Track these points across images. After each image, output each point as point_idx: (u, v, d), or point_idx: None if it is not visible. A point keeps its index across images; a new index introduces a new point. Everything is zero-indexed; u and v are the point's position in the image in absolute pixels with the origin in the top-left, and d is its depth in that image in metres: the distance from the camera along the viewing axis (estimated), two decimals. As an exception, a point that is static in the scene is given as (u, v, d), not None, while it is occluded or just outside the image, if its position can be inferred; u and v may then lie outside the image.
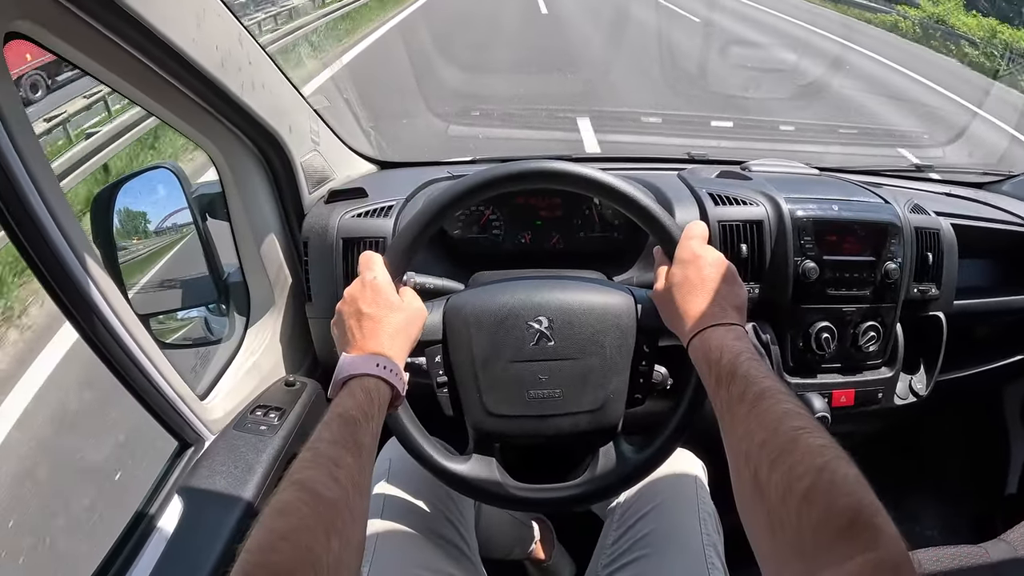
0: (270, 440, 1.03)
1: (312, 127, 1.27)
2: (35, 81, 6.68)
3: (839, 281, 1.20)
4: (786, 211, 1.20)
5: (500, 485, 0.93)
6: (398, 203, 1.24)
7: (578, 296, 0.93)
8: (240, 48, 1.00)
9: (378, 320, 0.81)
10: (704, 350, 0.77)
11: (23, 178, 0.71)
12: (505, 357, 0.91)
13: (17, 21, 0.70)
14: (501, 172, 0.89)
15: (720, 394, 0.71)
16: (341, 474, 0.63)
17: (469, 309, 0.92)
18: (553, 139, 4.65)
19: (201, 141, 1.08)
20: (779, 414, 0.63)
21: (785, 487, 0.56)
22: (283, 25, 9.62)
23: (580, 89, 6.78)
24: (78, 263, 0.79)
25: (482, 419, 0.93)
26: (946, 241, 1.31)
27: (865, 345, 1.24)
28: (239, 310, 1.26)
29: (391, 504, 1.05)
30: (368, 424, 0.72)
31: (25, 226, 0.74)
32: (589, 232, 1.31)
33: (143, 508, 0.94)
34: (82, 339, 0.85)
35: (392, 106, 5.59)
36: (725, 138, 3.81)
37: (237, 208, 1.17)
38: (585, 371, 0.91)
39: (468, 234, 1.31)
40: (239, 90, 0.99)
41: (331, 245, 1.19)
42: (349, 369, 0.76)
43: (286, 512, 0.58)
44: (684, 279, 0.83)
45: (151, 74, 0.88)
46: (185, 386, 0.98)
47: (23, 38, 0.72)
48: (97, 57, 0.81)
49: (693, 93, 6.57)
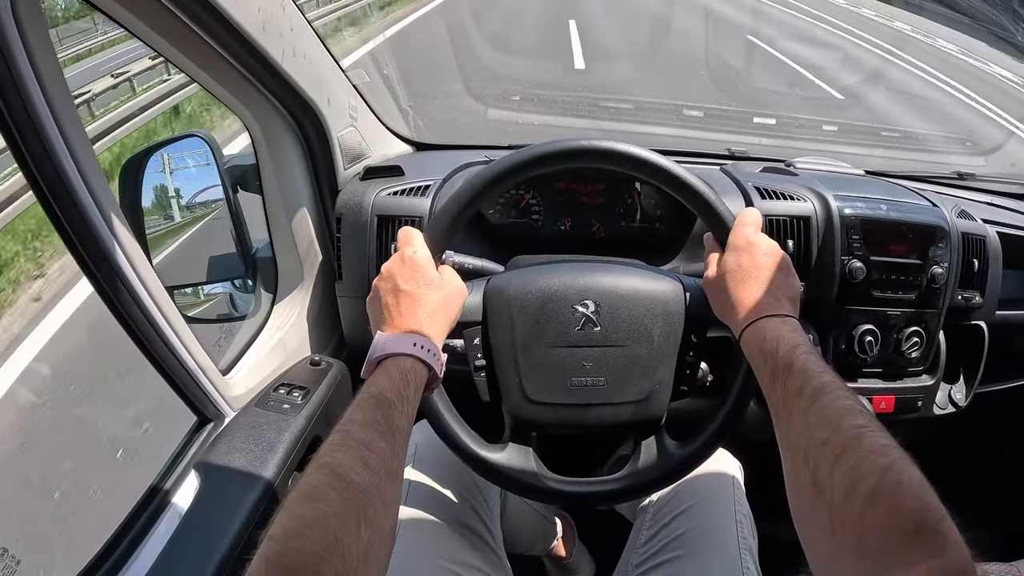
0: (293, 419, 1.00)
1: (351, 102, 1.24)
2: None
3: (885, 283, 1.17)
4: (835, 208, 1.16)
5: (537, 476, 0.90)
6: (435, 183, 1.21)
7: (626, 281, 0.89)
8: (283, 13, 0.97)
9: (417, 297, 0.78)
10: (759, 341, 0.74)
11: (59, 143, 0.69)
12: (548, 341, 0.87)
13: None
14: (555, 147, 0.85)
15: (776, 387, 0.68)
16: (372, 458, 0.60)
17: (512, 290, 0.89)
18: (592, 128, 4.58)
19: (238, 108, 1.06)
20: (840, 411, 0.60)
21: (848, 486, 0.54)
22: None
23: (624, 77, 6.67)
24: (108, 230, 0.76)
25: (521, 406, 0.89)
26: (992, 249, 1.28)
27: (908, 351, 1.21)
28: (266, 286, 1.24)
29: (416, 490, 1.02)
30: (403, 407, 0.68)
31: (57, 190, 0.71)
32: (630, 222, 1.28)
33: (158, 482, 0.91)
34: (107, 308, 0.82)
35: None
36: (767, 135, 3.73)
37: (270, 180, 1.15)
38: (631, 359, 0.88)
39: (507, 218, 1.27)
40: (279, 56, 0.96)
41: (365, 222, 1.16)
42: (385, 348, 0.73)
43: (314, 497, 0.55)
44: (737, 267, 0.80)
45: (194, 36, 0.85)
46: (208, 360, 0.95)
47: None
48: (138, 12, 0.79)
49: (738, 89, 6.47)
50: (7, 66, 0.63)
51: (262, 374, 1.09)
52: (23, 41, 0.64)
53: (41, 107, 0.67)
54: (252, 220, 1.20)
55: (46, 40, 0.67)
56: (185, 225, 1.17)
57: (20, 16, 0.63)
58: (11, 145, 0.68)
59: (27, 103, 0.66)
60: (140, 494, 0.90)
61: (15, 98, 0.65)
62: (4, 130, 0.67)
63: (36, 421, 2.67)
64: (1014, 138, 5.69)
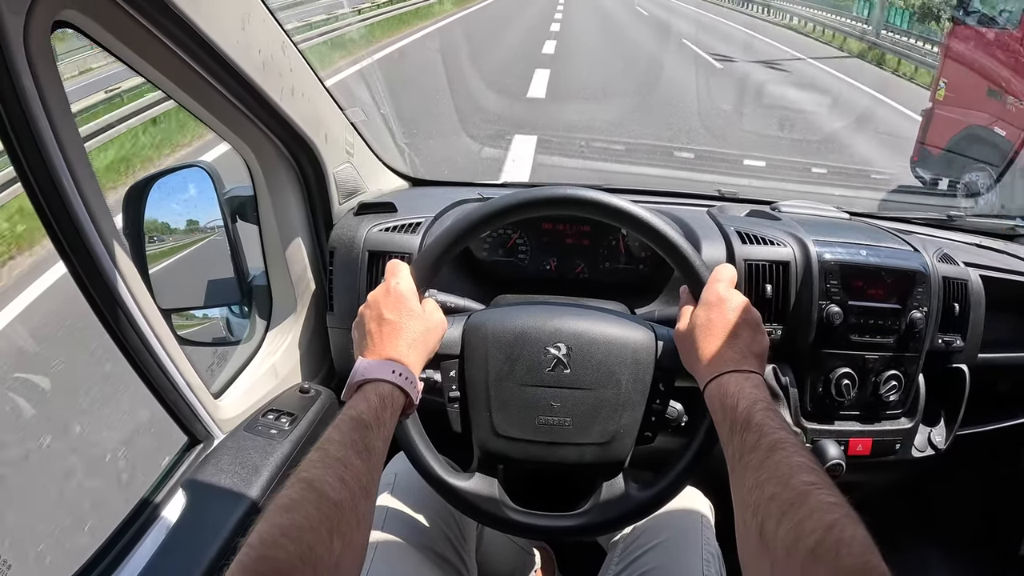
0: (279, 445, 1.03)
1: (348, 139, 1.29)
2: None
3: (863, 327, 1.18)
4: (813, 253, 1.18)
5: (499, 505, 0.92)
6: (426, 220, 1.24)
7: (599, 326, 0.92)
8: (282, 55, 1.02)
9: (398, 327, 0.81)
10: (720, 396, 0.76)
11: (61, 167, 0.73)
12: (519, 379, 0.90)
13: (66, 11, 0.72)
14: (534, 195, 0.89)
15: (733, 441, 0.70)
16: (348, 476, 0.63)
17: (490, 327, 0.92)
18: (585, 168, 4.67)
19: (236, 143, 1.10)
20: (792, 467, 0.62)
21: (792, 542, 0.55)
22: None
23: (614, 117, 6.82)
24: (106, 253, 0.80)
25: (489, 439, 0.92)
26: (974, 292, 1.28)
27: (886, 394, 1.21)
28: (261, 313, 1.27)
29: (393, 517, 1.04)
30: (379, 429, 0.72)
31: (60, 215, 0.76)
32: (614, 263, 1.31)
33: (148, 497, 0.94)
34: (104, 328, 0.86)
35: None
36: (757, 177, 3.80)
37: (267, 212, 1.19)
38: (598, 403, 0.90)
39: (494, 257, 1.31)
40: (277, 95, 1.01)
41: (357, 257, 1.20)
42: (365, 373, 0.77)
43: (291, 509, 0.58)
44: (707, 321, 0.83)
45: (192, 73, 0.90)
46: (200, 383, 0.99)
47: (70, 27, 0.74)
48: (140, 51, 0.83)
49: (728, 132, 6.58)
50: (16, 96, 0.68)
51: (253, 399, 1.13)
52: (32, 72, 0.68)
53: (46, 133, 0.71)
54: (250, 249, 1.24)
55: (54, 72, 0.72)
56: (185, 251, 1.20)
57: (32, 52, 0.68)
58: (17, 168, 0.73)
59: (32, 128, 0.70)
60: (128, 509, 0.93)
61: (22, 124, 0.69)
62: (11, 154, 0.71)
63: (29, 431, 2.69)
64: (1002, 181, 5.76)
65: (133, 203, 1.10)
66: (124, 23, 0.78)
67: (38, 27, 0.68)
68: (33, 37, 0.68)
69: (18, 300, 3.60)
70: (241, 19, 0.90)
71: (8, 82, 0.67)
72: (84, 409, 2.71)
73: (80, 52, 6.04)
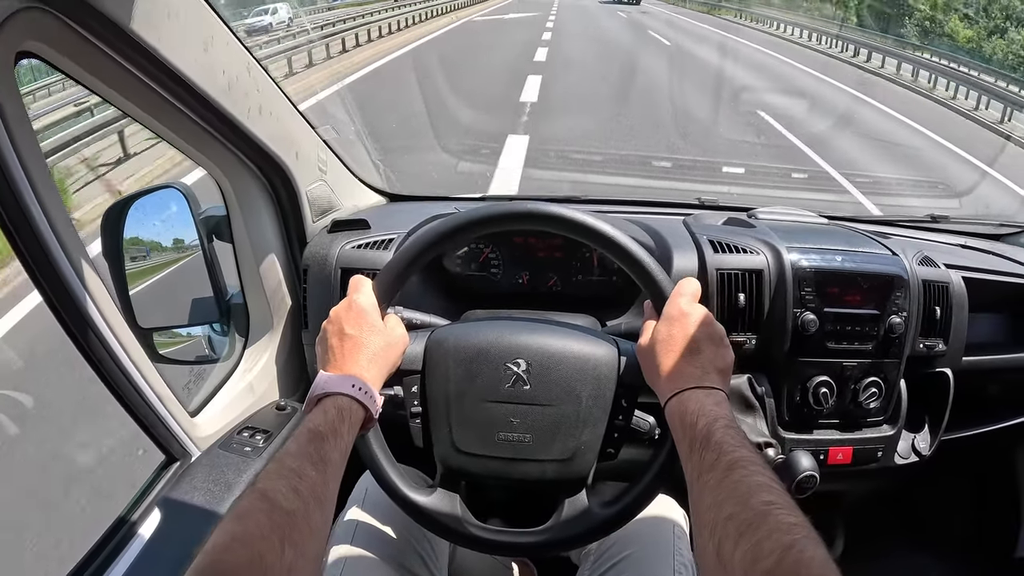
0: (252, 462, 1.04)
1: (320, 156, 1.30)
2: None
3: (840, 334, 1.18)
4: (787, 261, 1.18)
5: (460, 521, 0.92)
6: (399, 236, 1.25)
7: (560, 342, 0.92)
8: (248, 75, 1.03)
9: (359, 342, 0.82)
10: (680, 412, 0.75)
11: (26, 190, 0.75)
12: (479, 395, 0.90)
13: (29, 41, 0.73)
14: (495, 211, 0.90)
15: (692, 460, 0.70)
16: (303, 486, 0.64)
17: (451, 343, 0.92)
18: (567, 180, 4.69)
19: (206, 165, 1.12)
20: (751, 486, 0.62)
21: (750, 563, 0.54)
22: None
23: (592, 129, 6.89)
24: (75, 275, 0.82)
25: (450, 454, 0.92)
26: (956, 295, 1.27)
27: (866, 401, 1.21)
28: (239, 330, 1.28)
29: (362, 531, 1.04)
30: (336, 441, 0.72)
31: (27, 238, 0.77)
32: (587, 275, 1.31)
33: (124, 515, 0.95)
34: (76, 349, 0.87)
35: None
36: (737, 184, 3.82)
37: (240, 232, 1.20)
38: (558, 419, 0.90)
39: (466, 271, 1.32)
40: (244, 116, 1.02)
41: (330, 274, 1.21)
42: (324, 387, 0.78)
43: (243, 517, 0.60)
44: (668, 336, 0.82)
45: (157, 97, 0.91)
46: (176, 402, 1.00)
47: (34, 57, 0.76)
48: (105, 78, 0.85)
49: (705, 140, 6.62)
50: None
51: (229, 416, 1.14)
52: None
53: (11, 159, 0.72)
54: (228, 267, 1.25)
55: (17, 100, 0.73)
56: (163, 271, 1.21)
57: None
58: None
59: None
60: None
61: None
62: None
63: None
64: (987, 180, 5.81)
65: (112, 224, 1.11)
66: (87, 52, 0.79)
67: (1, 57, 0.70)
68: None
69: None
70: (204, 42, 0.91)
71: None
72: (65, 427, 2.73)
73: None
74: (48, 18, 0.73)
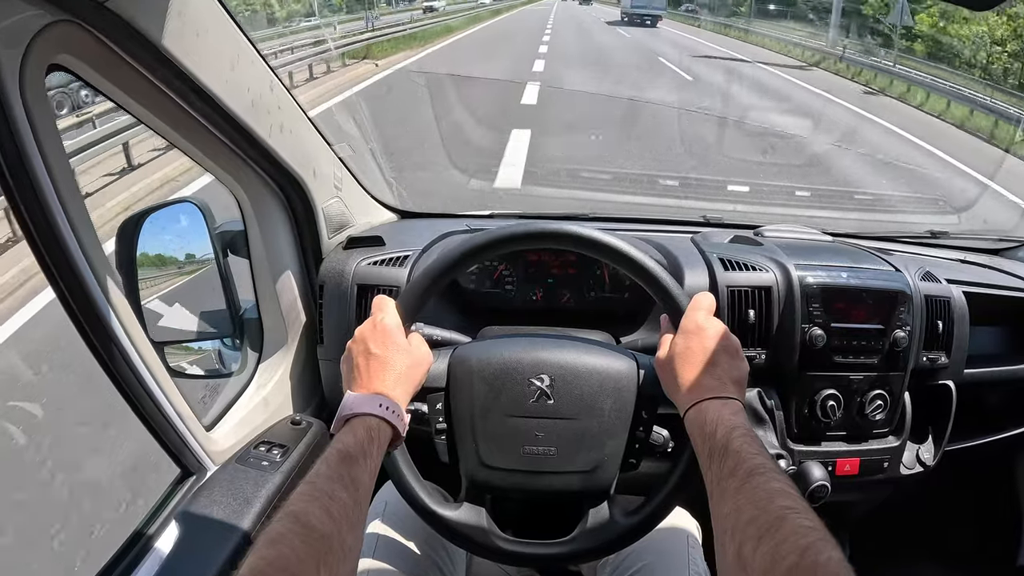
0: (271, 476, 1.04)
1: (336, 174, 1.31)
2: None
3: (846, 349, 1.20)
4: (795, 278, 1.20)
5: (486, 534, 0.93)
6: (414, 253, 1.27)
7: (581, 357, 0.94)
8: (271, 94, 1.05)
9: (385, 361, 0.83)
10: (700, 422, 0.78)
11: (52, 200, 0.76)
12: (504, 411, 0.92)
13: (61, 54, 0.75)
14: (515, 231, 0.92)
15: (712, 468, 0.72)
16: (335, 509, 0.65)
17: (474, 360, 0.94)
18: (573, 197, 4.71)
19: (226, 180, 1.13)
20: (770, 492, 0.64)
21: (768, 564, 0.57)
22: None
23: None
24: (99, 287, 0.83)
25: (476, 469, 0.93)
26: (957, 309, 1.30)
27: (872, 414, 1.23)
28: (252, 345, 1.29)
29: (383, 545, 1.05)
30: (366, 462, 0.73)
31: (52, 248, 0.78)
32: (600, 292, 1.33)
33: (141, 529, 0.95)
34: (98, 363, 0.88)
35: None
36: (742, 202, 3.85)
37: (257, 247, 1.21)
38: (581, 432, 0.92)
39: (481, 288, 1.33)
40: (266, 133, 1.04)
41: (346, 290, 1.23)
42: (353, 407, 0.79)
43: (278, 542, 0.60)
44: (686, 349, 0.85)
45: (182, 113, 0.92)
46: (192, 416, 1.00)
47: (65, 70, 0.77)
48: (131, 92, 0.86)
49: (709, 157, 6.64)
50: (11, 134, 0.71)
51: (244, 430, 1.14)
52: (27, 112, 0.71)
53: (40, 170, 0.74)
54: (241, 281, 1.26)
55: (48, 112, 0.74)
56: (177, 284, 1.22)
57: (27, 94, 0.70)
58: (11, 202, 0.75)
59: (27, 166, 0.73)
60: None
61: (16, 163, 0.72)
62: (6, 191, 0.74)
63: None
64: (986, 195, 5.85)
65: (127, 237, 1.12)
66: (116, 66, 0.81)
67: (33, 70, 0.71)
68: (28, 80, 0.71)
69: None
70: (231, 61, 0.93)
71: (3, 122, 0.69)
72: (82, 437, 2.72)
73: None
74: (80, 32, 0.75)
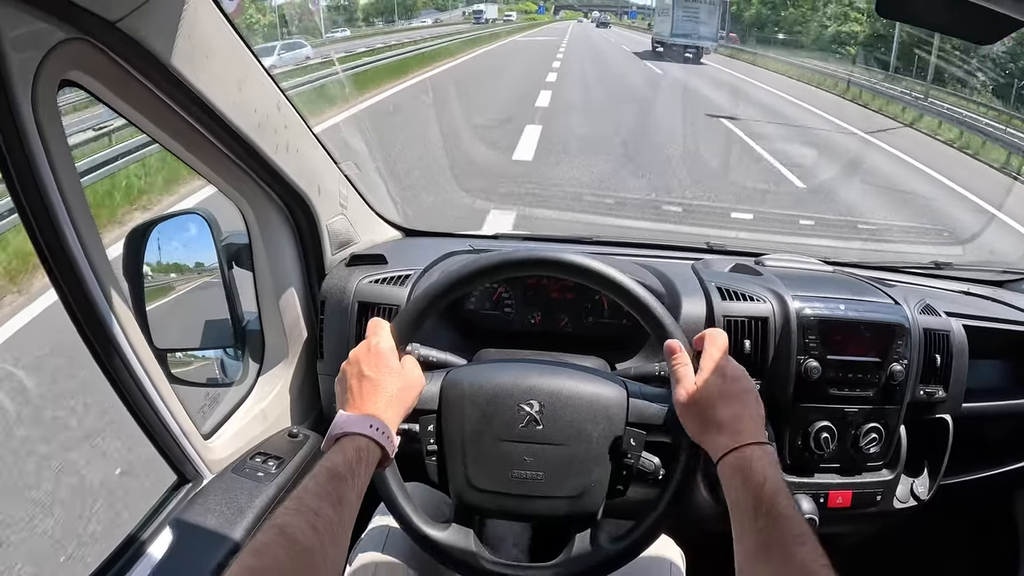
0: (265, 487, 1.06)
1: (341, 191, 1.34)
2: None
3: (842, 381, 1.20)
4: (792, 309, 1.20)
5: (474, 556, 0.94)
6: (415, 273, 1.29)
7: (571, 384, 0.95)
8: (278, 113, 1.07)
9: (377, 383, 0.85)
10: (742, 468, 0.78)
11: (60, 211, 0.78)
12: (494, 435, 0.93)
13: (73, 71, 0.78)
14: (510, 258, 0.94)
15: (756, 522, 0.73)
16: (320, 524, 0.67)
17: (466, 384, 0.95)
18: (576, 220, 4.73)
19: (233, 195, 1.15)
20: (815, 570, 0.66)
21: None
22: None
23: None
24: (103, 296, 0.85)
25: (465, 491, 0.95)
26: (956, 343, 1.29)
27: (866, 446, 1.22)
28: (253, 357, 1.31)
29: (382, 572, 1.06)
30: (354, 481, 0.75)
31: (58, 258, 0.80)
32: (598, 318, 1.34)
33: (135, 534, 0.97)
34: (100, 369, 0.90)
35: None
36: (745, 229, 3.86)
37: (261, 261, 1.24)
38: (569, 458, 0.93)
39: (480, 309, 1.35)
40: (273, 151, 1.06)
41: (347, 307, 1.25)
42: (343, 427, 0.80)
43: (261, 553, 0.62)
44: (720, 393, 0.84)
45: (190, 129, 0.95)
46: (191, 424, 1.02)
47: (76, 86, 0.80)
48: (141, 109, 0.89)
49: (713, 184, 6.62)
50: (22, 148, 0.73)
51: (242, 441, 1.16)
52: (38, 126, 0.73)
53: (49, 183, 0.76)
54: (245, 294, 1.28)
55: (58, 126, 0.77)
56: (181, 294, 1.24)
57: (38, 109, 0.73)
58: (20, 212, 0.77)
59: (37, 179, 0.75)
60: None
61: (26, 174, 0.74)
62: (16, 201, 0.76)
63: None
64: (991, 227, 5.83)
65: (133, 245, 1.15)
66: (127, 83, 0.83)
67: (46, 86, 0.74)
68: (40, 95, 0.73)
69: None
70: (238, 81, 0.96)
71: (15, 135, 0.72)
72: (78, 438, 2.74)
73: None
74: (92, 50, 0.78)
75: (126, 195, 5.76)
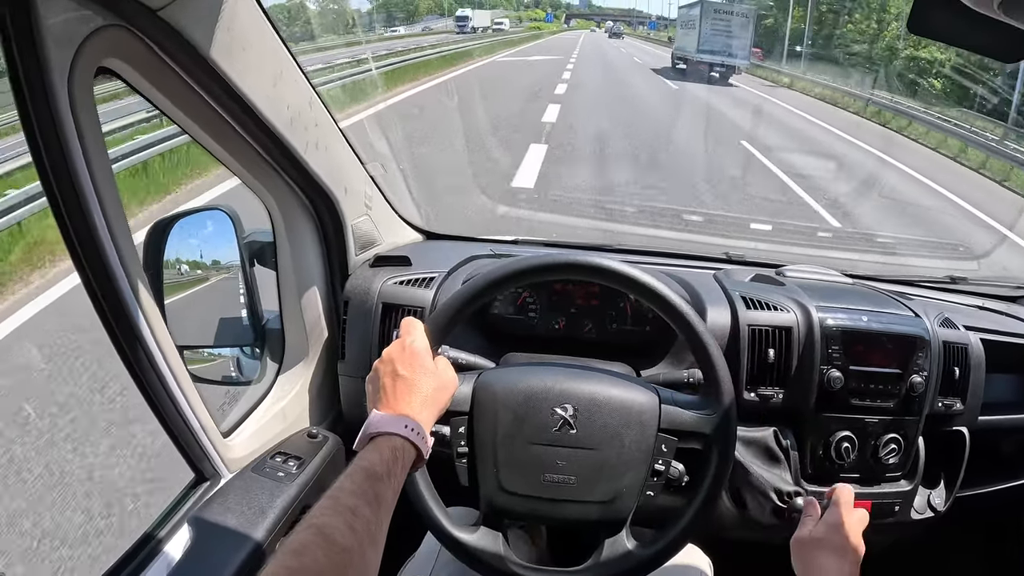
0: (286, 487, 1.04)
1: (367, 192, 1.33)
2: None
3: (863, 392, 1.20)
4: (816, 319, 1.21)
5: (502, 560, 0.94)
6: (440, 275, 1.29)
7: (605, 389, 0.95)
8: (309, 111, 1.07)
9: (412, 383, 0.84)
10: None
11: (93, 202, 0.77)
12: (527, 438, 0.93)
13: (110, 58, 0.77)
14: (552, 261, 0.95)
15: None
16: (358, 524, 0.66)
17: (499, 386, 0.95)
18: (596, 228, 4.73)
19: (259, 191, 1.15)
20: None
21: None
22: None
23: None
24: (131, 290, 0.84)
25: (495, 494, 0.95)
26: (974, 356, 1.30)
27: (885, 457, 1.23)
28: (273, 356, 1.30)
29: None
30: (390, 481, 0.74)
31: (88, 248, 0.79)
32: (621, 324, 1.35)
33: (152, 532, 0.96)
34: (123, 364, 0.89)
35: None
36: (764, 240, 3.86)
37: (285, 259, 1.23)
38: (601, 462, 0.93)
39: (505, 313, 1.35)
40: (302, 149, 1.06)
41: (371, 308, 1.24)
42: (379, 426, 0.79)
43: (300, 553, 0.60)
44: (842, 545, 0.92)
45: (222, 122, 0.95)
46: (211, 421, 1.01)
47: (112, 74, 0.79)
48: (175, 99, 0.89)
49: (733, 196, 6.62)
50: (56, 135, 0.72)
51: (261, 440, 1.14)
52: (73, 113, 0.72)
53: (82, 172, 0.75)
54: (265, 291, 1.27)
55: (93, 115, 0.76)
56: (202, 290, 1.23)
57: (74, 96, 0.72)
58: (51, 202, 0.76)
59: (69, 163, 0.74)
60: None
61: (59, 158, 0.73)
62: (47, 190, 0.75)
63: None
64: (1006, 243, 5.82)
65: (155, 240, 1.14)
66: (162, 73, 0.83)
67: (83, 72, 0.73)
68: (77, 81, 0.72)
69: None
70: (273, 76, 0.96)
71: (50, 120, 0.71)
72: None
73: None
74: (131, 38, 0.77)
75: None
